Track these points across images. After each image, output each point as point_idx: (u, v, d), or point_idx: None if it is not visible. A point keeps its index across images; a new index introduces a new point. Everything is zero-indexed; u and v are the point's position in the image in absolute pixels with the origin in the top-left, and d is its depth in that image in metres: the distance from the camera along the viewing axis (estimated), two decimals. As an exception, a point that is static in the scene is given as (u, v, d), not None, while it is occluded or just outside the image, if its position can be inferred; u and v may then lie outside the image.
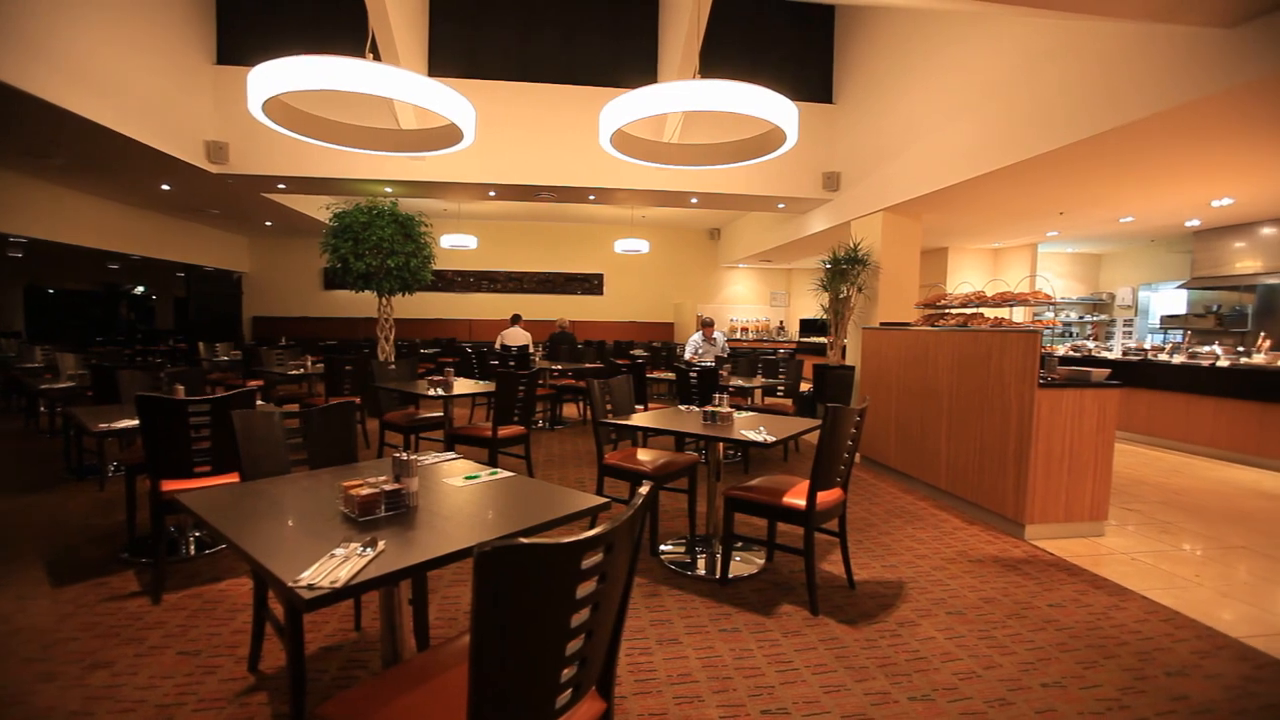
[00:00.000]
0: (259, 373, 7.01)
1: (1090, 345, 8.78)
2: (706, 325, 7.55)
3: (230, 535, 1.45)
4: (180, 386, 3.50)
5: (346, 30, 6.99)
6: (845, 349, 7.67)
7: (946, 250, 11.07)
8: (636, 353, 9.55)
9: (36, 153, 6.35)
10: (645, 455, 3.55)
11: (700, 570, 3.14)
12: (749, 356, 6.92)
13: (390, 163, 7.21)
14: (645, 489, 1.26)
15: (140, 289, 17.48)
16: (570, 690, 1.17)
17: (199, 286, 13.03)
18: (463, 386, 4.74)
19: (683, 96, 2.96)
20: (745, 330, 14.20)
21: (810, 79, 8.12)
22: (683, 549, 3.41)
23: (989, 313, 5.09)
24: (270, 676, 2.16)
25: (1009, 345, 3.81)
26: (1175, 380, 6.44)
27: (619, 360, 7.60)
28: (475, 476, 2.06)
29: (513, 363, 7.34)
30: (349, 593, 1.21)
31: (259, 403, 3.62)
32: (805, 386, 6.84)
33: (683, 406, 3.99)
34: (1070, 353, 7.92)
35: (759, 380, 6.09)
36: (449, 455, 2.36)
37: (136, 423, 2.90)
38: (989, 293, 5.09)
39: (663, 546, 3.43)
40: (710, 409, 3.24)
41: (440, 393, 4.38)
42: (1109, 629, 2.61)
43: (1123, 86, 4.14)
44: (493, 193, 8.23)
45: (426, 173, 7.42)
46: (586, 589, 1.10)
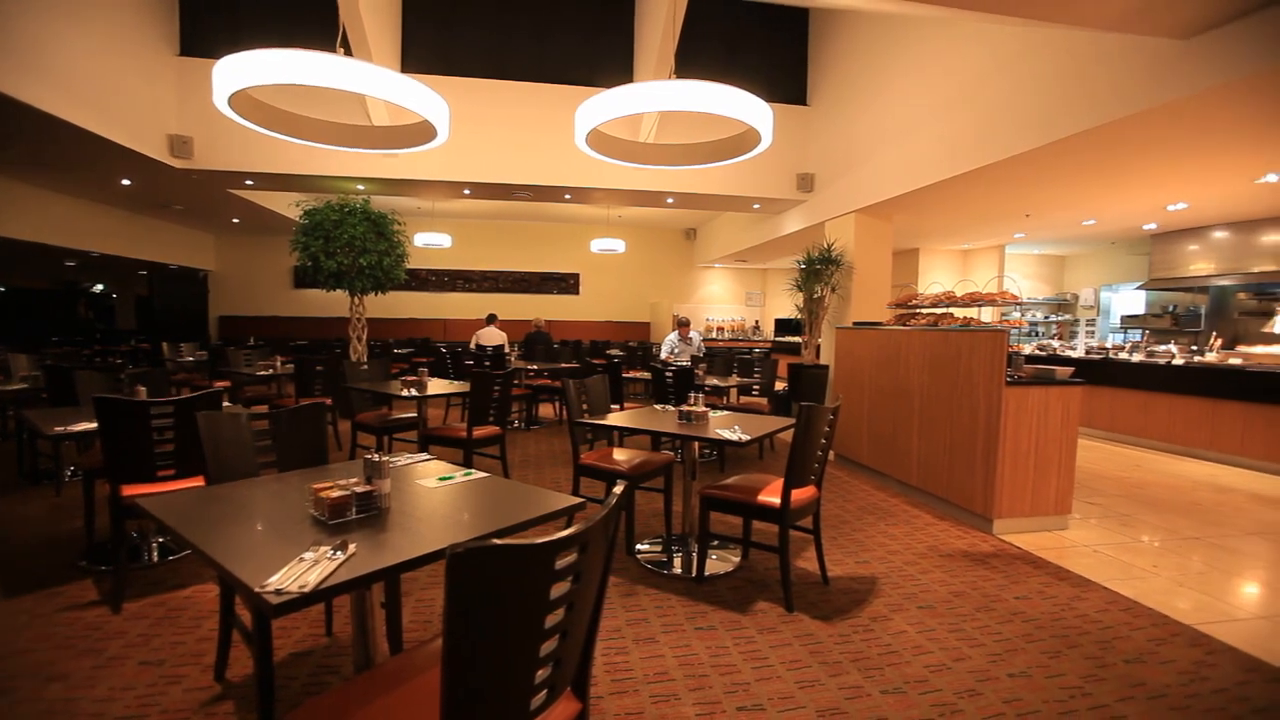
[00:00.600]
0: (226, 373, 6.83)
1: (1055, 344, 9.04)
2: (682, 325, 7.58)
3: (194, 540, 1.42)
4: (142, 388, 3.39)
5: (316, 24, 6.84)
6: (819, 348, 7.76)
7: (918, 251, 11.29)
8: (613, 352, 9.54)
9: (-13, 145, 6.10)
10: (621, 455, 3.55)
11: (677, 569, 3.15)
12: (725, 356, 6.97)
13: (362, 159, 7.09)
14: (619, 488, 1.26)
15: (99, 287, 16.90)
16: (545, 691, 1.17)
17: (163, 285, 12.64)
18: (437, 387, 4.69)
19: (658, 96, 2.96)
20: (721, 330, 14.29)
21: (785, 81, 8.20)
22: (659, 548, 3.42)
23: (959, 312, 5.20)
24: (237, 685, 2.11)
25: (978, 344, 3.90)
26: (1134, 378, 6.67)
27: (595, 360, 7.59)
28: (449, 478, 2.03)
29: (488, 363, 7.27)
30: (318, 597, 1.19)
31: (226, 404, 3.54)
32: (780, 386, 6.91)
33: (659, 406, 3.99)
34: (1036, 352, 8.14)
35: (734, 379, 6.13)
36: (422, 456, 2.33)
37: (95, 426, 2.80)
38: (958, 293, 5.21)
39: (639, 546, 3.43)
40: (685, 408, 3.25)
41: (414, 393, 4.32)
42: (1072, 619, 2.69)
43: (1085, 93, 4.26)
44: (467, 191, 8.15)
45: (399, 170, 7.30)
46: (561, 589, 1.10)
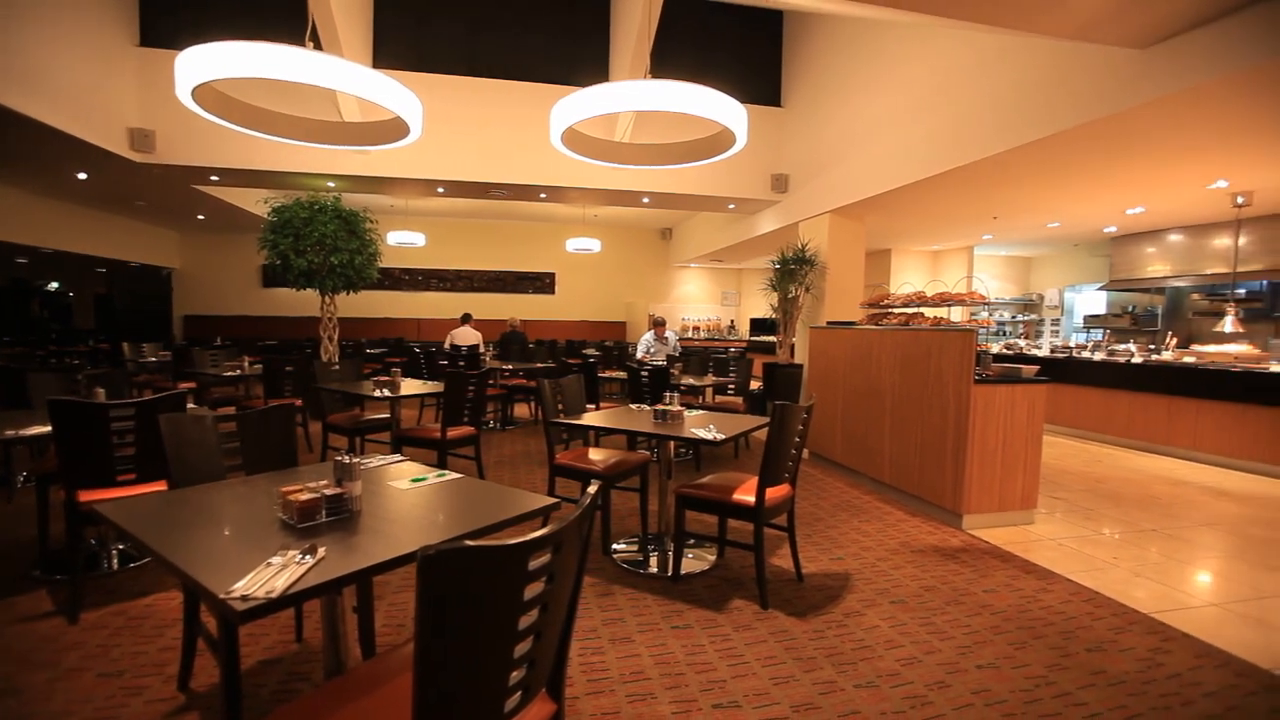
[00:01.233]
0: (191, 374, 6.64)
1: (1021, 343, 9.29)
2: (658, 324, 7.59)
3: (155, 546, 1.37)
4: (101, 390, 3.27)
5: (283, 16, 6.67)
6: (794, 348, 7.85)
7: (890, 252, 11.48)
8: (589, 352, 9.51)
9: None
10: (597, 454, 3.55)
11: (653, 568, 3.16)
12: (700, 355, 7.00)
13: (333, 156, 6.94)
14: (594, 488, 1.26)
15: (55, 285, 16.26)
16: (519, 693, 1.16)
17: (123, 283, 12.22)
18: (410, 387, 4.62)
19: (634, 96, 2.96)
20: (697, 329, 14.36)
21: (759, 83, 8.27)
22: (635, 548, 3.42)
23: (929, 312, 5.31)
24: (202, 695, 2.05)
25: (947, 343, 3.99)
26: (1096, 376, 6.88)
27: (571, 360, 7.56)
28: (422, 479, 2.01)
29: (462, 363, 7.20)
30: (287, 602, 1.17)
31: (191, 406, 3.44)
32: (755, 385, 6.97)
33: (634, 405, 4.00)
34: (1004, 351, 8.35)
35: (710, 379, 6.17)
36: (395, 458, 2.30)
37: (49, 429, 2.70)
38: (929, 293, 5.31)
39: (615, 545, 3.43)
40: (661, 408, 3.26)
41: (387, 394, 4.26)
42: (1037, 611, 2.77)
43: (1048, 100, 4.39)
44: (441, 189, 8.05)
45: (371, 167, 7.18)
46: (535, 590, 1.09)
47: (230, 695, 1.52)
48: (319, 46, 2.89)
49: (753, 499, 2.76)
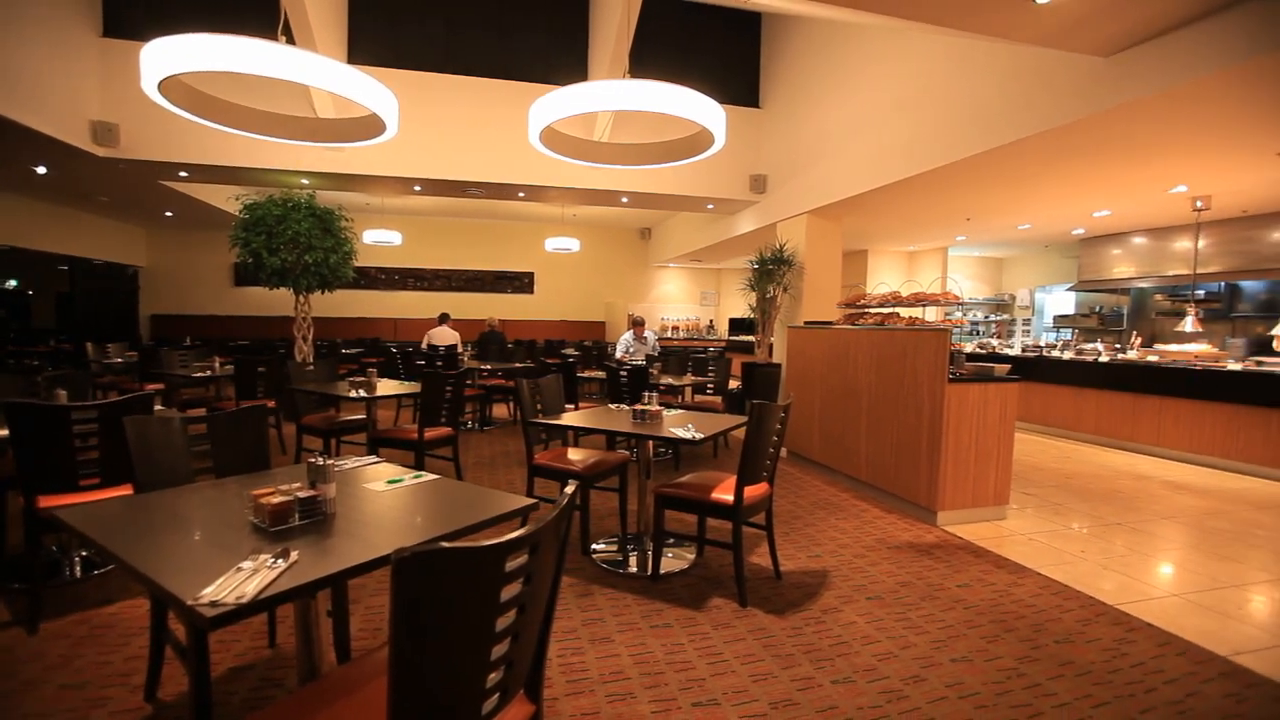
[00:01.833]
0: (159, 375, 6.46)
1: (994, 343, 9.49)
2: (637, 324, 7.60)
3: (118, 552, 1.34)
4: (62, 391, 3.17)
5: (253, 8, 6.53)
6: (772, 347, 7.92)
7: (866, 252, 11.65)
8: (568, 352, 9.48)
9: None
10: (576, 455, 3.54)
11: (632, 568, 3.16)
12: (679, 355, 7.02)
13: (306, 153, 6.82)
14: (571, 488, 1.26)
15: (13, 283, 15.70)
16: (497, 695, 1.16)
17: (87, 281, 11.81)
18: (387, 388, 4.56)
19: (613, 96, 2.96)
20: (676, 329, 14.40)
21: (738, 84, 8.32)
22: (615, 548, 3.42)
23: (904, 312, 5.39)
24: (170, 704, 2.00)
25: (922, 343, 4.05)
26: (1065, 375, 7.06)
27: (550, 359, 7.53)
28: (399, 480, 1.98)
29: (440, 363, 7.12)
30: (258, 608, 1.14)
31: (158, 408, 3.35)
32: (734, 384, 7.01)
33: (614, 405, 3.99)
34: (977, 350, 8.52)
35: (689, 378, 6.19)
36: (371, 459, 2.27)
37: (5, 433, 2.61)
38: (904, 293, 5.39)
39: (594, 546, 3.43)
40: (640, 407, 3.26)
41: (362, 394, 4.20)
42: (1009, 604, 2.83)
43: (1019, 104, 4.49)
44: (418, 187, 7.95)
45: (346, 165, 7.07)
46: (512, 591, 1.09)
47: (200, 704, 1.48)
48: (292, 41, 2.83)
49: (731, 498, 2.77)
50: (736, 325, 13.74)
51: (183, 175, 7.29)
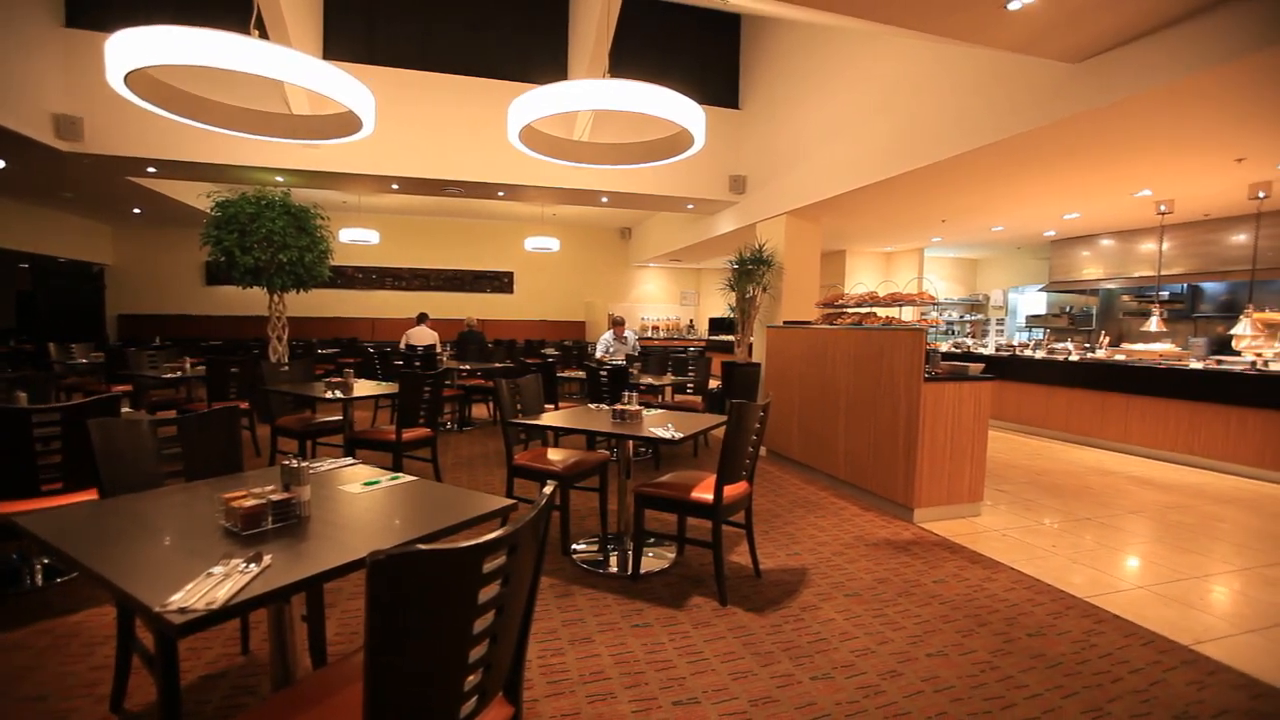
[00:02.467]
0: (127, 377, 6.28)
1: (969, 342, 9.67)
2: (618, 324, 7.59)
3: (81, 559, 1.30)
4: (22, 394, 3.08)
5: (224, 1, 6.40)
6: (752, 347, 7.97)
7: (844, 253, 11.78)
8: (548, 352, 9.44)
9: None
10: (556, 455, 3.52)
11: (612, 568, 3.16)
12: (660, 354, 7.03)
13: (281, 149, 6.68)
14: (549, 488, 1.25)
15: (-30, 282, 15.14)
16: (475, 697, 1.15)
17: (50, 280, 11.46)
18: (364, 388, 4.50)
19: (593, 95, 2.96)
20: (656, 329, 14.42)
21: (717, 84, 8.36)
22: (595, 548, 3.42)
23: (881, 312, 5.47)
24: (138, 715, 1.95)
25: (899, 342, 4.11)
26: (1037, 374, 7.22)
27: (529, 359, 7.49)
28: (375, 482, 1.96)
29: (418, 363, 7.04)
30: (229, 614, 1.12)
31: (125, 410, 3.26)
32: (714, 383, 7.04)
33: (593, 405, 3.99)
34: (952, 349, 8.67)
35: (669, 378, 6.20)
36: (347, 461, 2.23)
37: (-35, 436, 2.52)
38: (881, 293, 5.47)
39: (575, 546, 3.42)
40: (620, 407, 3.26)
41: (339, 395, 4.13)
42: (983, 599, 2.88)
43: (993, 108, 4.58)
44: (395, 186, 7.85)
45: (322, 162, 6.95)
46: (490, 593, 1.08)
47: (169, 713, 1.45)
48: (265, 35, 2.78)
49: (711, 497, 2.79)
50: (716, 325, 13.80)
51: (151, 171, 7.11)
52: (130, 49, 2.39)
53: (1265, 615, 2.78)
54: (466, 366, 7.09)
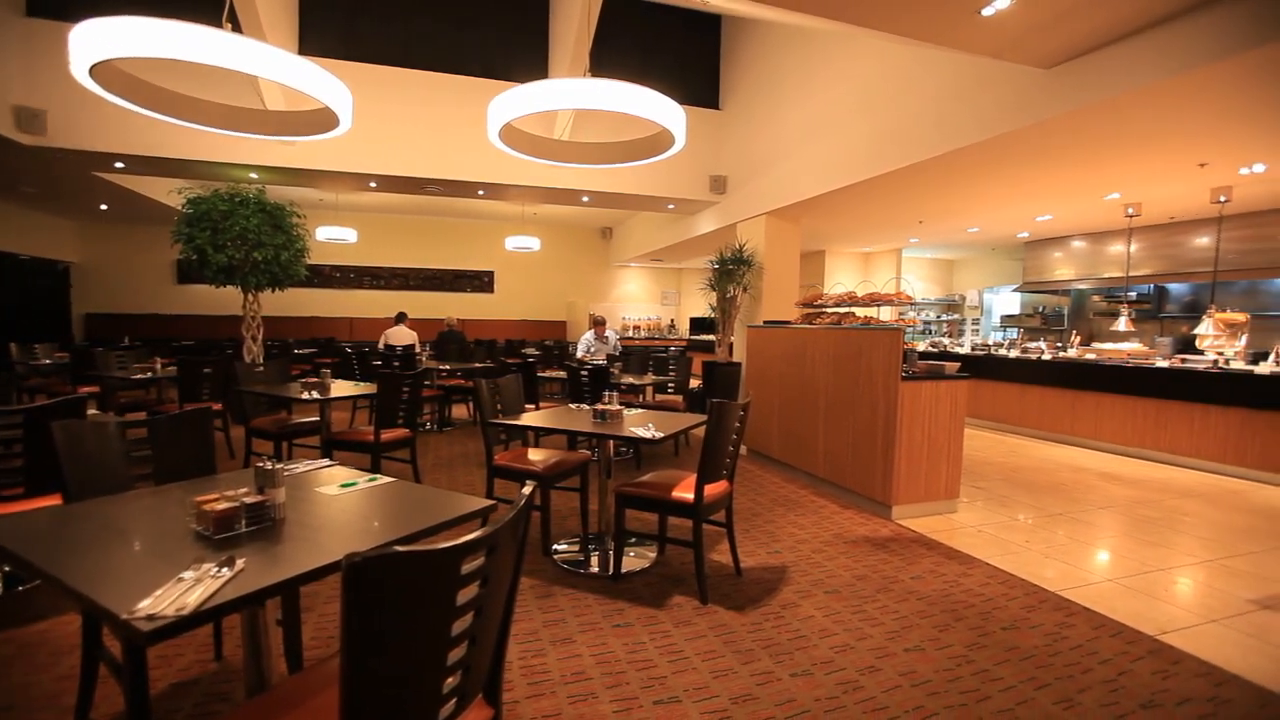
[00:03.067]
0: (94, 378, 6.11)
1: (945, 342, 9.82)
2: (599, 323, 7.58)
3: (43, 565, 1.26)
4: (-16, 395, 2.98)
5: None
6: (732, 346, 8.01)
7: (824, 253, 11.91)
8: (528, 351, 9.39)
9: None
10: (536, 455, 3.51)
11: (594, 568, 3.15)
12: (641, 354, 7.04)
13: (255, 146, 6.55)
14: (528, 489, 1.25)
15: (-71, 280, 14.60)
16: (454, 700, 1.14)
17: (10, 278, 11.08)
18: (341, 389, 4.43)
19: (574, 94, 2.95)
20: (637, 328, 14.43)
21: (698, 85, 8.39)
22: (576, 548, 3.41)
23: (860, 312, 5.54)
24: (106, 723, 1.90)
25: (877, 342, 4.17)
26: (1011, 372, 7.36)
27: (510, 359, 7.44)
28: (352, 484, 1.93)
29: (397, 363, 6.96)
30: (200, 620, 1.10)
31: (92, 412, 3.17)
32: (695, 383, 7.07)
33: (574, 405, 3.98)
34: (929, 349, 8.81)
35: (650, 377, 6.21)
36: (324, 462, 2.20)
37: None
38: (860, 293, 5.54)
39: (556, 546, 3.41)
40: (600, 407, 3.25)
41: (316, 396, 4.07)
42: (959, 594, 2.94)
43: (969, 111, 4.66)
44: (373, 184, 7.74)
45: (297, 159, 6.83)
46: (468, 594, 1.07)
47: (137, 722, 1.41)
48: (238, 28, 2.72)
49: (692, 496, 2.80)
50: (697, 324, 13.85)
51: (119, 166, 6.92)
52: (95, 40, 2.32)
53: (1226, 605, 2.87)
54: (446, 366, 7.02)
